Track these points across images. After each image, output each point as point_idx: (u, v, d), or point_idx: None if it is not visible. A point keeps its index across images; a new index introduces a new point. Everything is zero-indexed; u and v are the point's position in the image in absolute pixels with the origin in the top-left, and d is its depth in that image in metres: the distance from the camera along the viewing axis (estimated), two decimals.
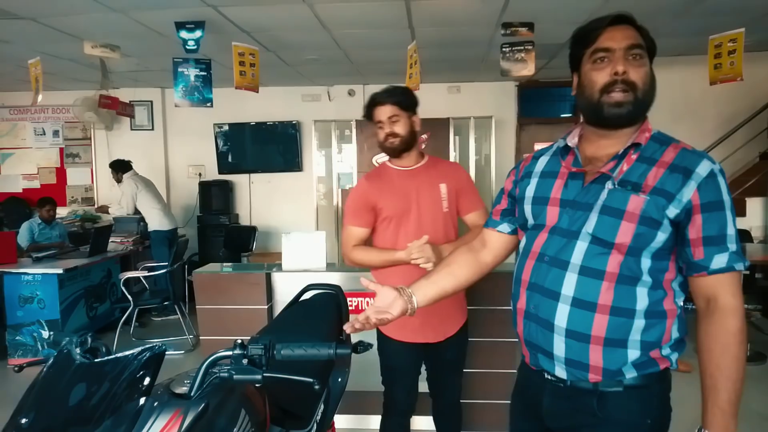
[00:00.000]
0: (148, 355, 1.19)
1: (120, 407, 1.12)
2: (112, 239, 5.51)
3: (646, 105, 1.26)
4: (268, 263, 3.28)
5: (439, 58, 5.20)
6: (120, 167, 5.80)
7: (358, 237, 2.24)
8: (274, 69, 5.47)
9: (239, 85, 4.04)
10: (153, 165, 6.64)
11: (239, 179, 6.85)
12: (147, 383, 1.16)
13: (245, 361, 1.22)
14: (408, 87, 2.21)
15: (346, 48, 4.87)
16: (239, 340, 1.24)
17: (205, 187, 6.64)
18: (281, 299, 2.99)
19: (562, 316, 1.26)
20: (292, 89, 6.62)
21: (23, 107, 6.82)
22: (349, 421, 3.03)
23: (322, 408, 1.82)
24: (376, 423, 2.39)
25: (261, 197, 6.86)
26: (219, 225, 6.48)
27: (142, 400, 1.14)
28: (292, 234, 3.04)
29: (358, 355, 1.43)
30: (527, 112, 6.60)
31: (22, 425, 1.10)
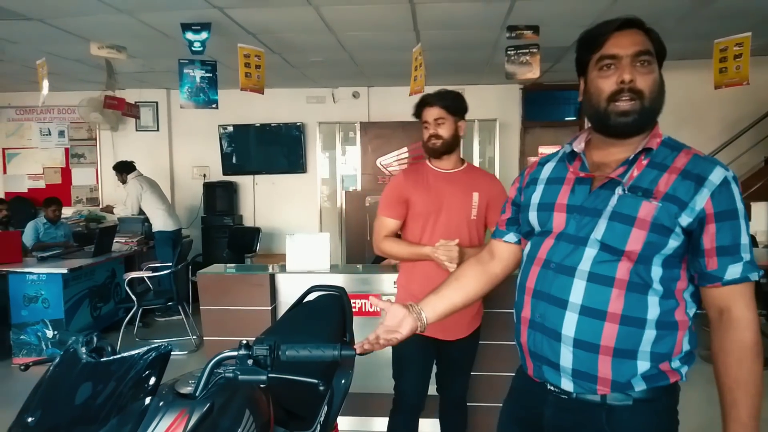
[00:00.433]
0: (153, 355, 1.19)
1: (126, 406, 1.13)
2: (116, 239, 5.51)
3: (654, 113, 1.23)
4: (272, 264, 3.29)
5: (444, 60, 5.20)
6: (124, 169, 5.82)
7: (389, 228, 2.32)
8: (279, 71, 5.48)
9: (245, 87, 4.05)
10: (158, 166, 6.66)
11: (243, 180, 6.86)
12: (153, 383, 1.16)
13: (250, 362, 1.21)
14: (459, 93, 2.26)
15: (351, 50, 4.88)
16: (244, 340, 1.24)
17: (210, 188, 6.66)
18: (285, 300, 2.98)
19: (569, 324, 1.22)
20: (296, 91, 6.64)
21: (29, 107, 6.85)
22: (353, 423, 3.02)
23: (325, 409, 1.82)
24: (379, 425, 2.39)
25: (265, 198, 6.87)
26: (223, 226, 6.50)
27: (147, 399, 1.15)
28: (296, 235, 3.04)
29: (361, 357, 1.43)
30: (532, 115, 6.59)
31: (28, 423, 1.11)
